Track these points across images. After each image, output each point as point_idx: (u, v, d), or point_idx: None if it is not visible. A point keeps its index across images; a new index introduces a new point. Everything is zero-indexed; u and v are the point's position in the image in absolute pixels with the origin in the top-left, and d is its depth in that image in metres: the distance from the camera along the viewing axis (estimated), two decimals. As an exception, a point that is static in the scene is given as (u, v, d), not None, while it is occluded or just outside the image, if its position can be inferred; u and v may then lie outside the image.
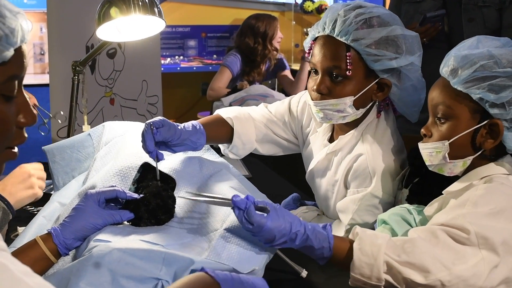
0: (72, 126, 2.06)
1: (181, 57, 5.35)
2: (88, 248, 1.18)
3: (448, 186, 1.31)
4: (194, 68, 5.09)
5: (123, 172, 1.40)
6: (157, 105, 3.34)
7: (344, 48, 1.45)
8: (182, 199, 1.34)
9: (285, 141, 1.72)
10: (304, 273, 1.35)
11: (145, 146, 1.39)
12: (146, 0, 1.67)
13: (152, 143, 1.38)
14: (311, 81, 1.52)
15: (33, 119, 0.88)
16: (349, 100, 1.47)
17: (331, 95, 1.48)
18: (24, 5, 5.83)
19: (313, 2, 5.50)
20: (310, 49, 1.53)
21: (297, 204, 1.77)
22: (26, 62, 0.89)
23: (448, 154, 1.28)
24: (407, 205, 1.39)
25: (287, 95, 4.02)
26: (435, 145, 1.30)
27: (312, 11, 5.49)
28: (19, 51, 0.85)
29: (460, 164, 1.29)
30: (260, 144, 1.70)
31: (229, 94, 3.91)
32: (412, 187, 1.45)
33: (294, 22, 5.60)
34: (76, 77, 2.01)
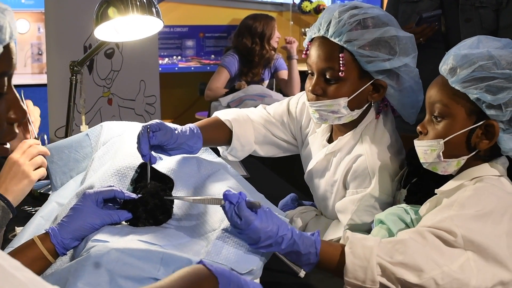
0: (70, 126, 2.06)
1: (179, 57, 5.35)
2: (86, 248, 1.18)
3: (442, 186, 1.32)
4: (192, 68, 5.09)
5: (121, 172, 1.40)
6: (155, 105, 3.34)
7: (337, 49, 1.45)
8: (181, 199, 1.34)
9: (284, 142, 1.72)
10: (302, 273, 1.35)
11: (139, 149, 1.39)
12: (144, 0, 1.67)
13: (147, 146, 1.38)
14: (308, 82, 1.53)
15: (23, 115, 0.88)
16: (343, 101, 1.47)
17: (325, 96, 1.48)
18: (21, 5, 5.82)
19: (311, 2, 5.51)
20: (307, 50, 1.53)
21: (295, 204, 1.77)
22: (15, 59, 0.88)
23: (442, 153, 1.28)
24: (404, 205, 1.39)
25: (284, 95, 4.02)
26: (430, 143, 1.30)
27: (310, 11, 5.50)
28: (7, 48, 0.85)
29: (454, 163, 1.29)
30: (259, 146, 1.70)
31: (227, 94, 3.91)
32: (410, 187, 1.45)
33: (292, 22, 5.61)
34: (74, 77, 2.01)
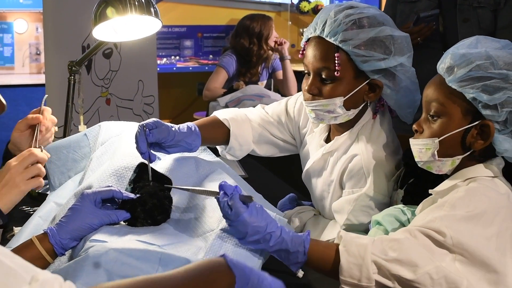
0: (68, 126, 2.06)
1: (177, 57, 5.36)
2: (84, 248, 1.18)
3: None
4: (190, 68, 5.09)
5: (119, 172, 1.40)
6: (153, 105, 3.35)
7: (333, 49, 1.46)
8: (179, 199, 1.35)
9: (282, 142, 1.72)
10: (301, 273, 1.35)
11: (138, 147, 1.39)
12: (142, 0, 1.67)
13: (145, 144, 1.39)
14: (304, 82, 1.53)
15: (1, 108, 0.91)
16: (338, 100, 1.47)
17: (321, 95, 1.49)
18: (20, 5, 5.82)
19: (309, 2, 5.51)
20: (304, 50, 1.54)
21: (294, 204, 1.77)
22: None
23: (437, 152, 1.28)
24: (401, 206, 1.39)
25: (282, 95, 4.03)
26: (425, 142, 1.30)
27: (308, 11, 5.51)
28: None
29: (448, 163, 1.29)
30: (258, 145, 1.70)
31: (225, 94, 3.91)
32: (407, 188, 1.45)
33: (290, 23, 5.61)
34: (72, 77, 2.01)
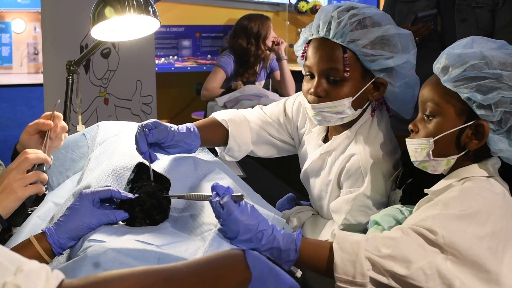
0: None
1: (175, 57, 5.36)
2: (82, 248, 1.18)
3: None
4: (188, 68, 5.09)
5: (117, 172, 1.40)
6: (151, 105, 3.35)
7: (340, 50, 1.46)
8: (178, 199, 1.35)
9: (281, 142, 1.72)
10: (299, 273, 1.35)
11: (138, 147, 1.39)
12: (141, 0, 1.67)
13: (145, 144, 1.39)
14: (307, 84, 1.52)
15: None
16: (347, 101, 1.47)
17: (329, 97, 1.48)
18: (18, 4, 5.81)
19: (307, 2, 5.51)
20: (304, 52, 1.53)
21: (292, 204, 1.77)
22: None
23: (432, 152, 1.29)
24: (399, 206, 1.39)
25: (280, 95, 4.03)
26: (420, 142, 1.31)
27: (306, 11, 5.51)
28: None
29: (443, 162, 1.30)
30: (256, 146, 1.71)
31: (223, 94, 3.91)
32: (405, 188, 1.45)
33: (288, 22, 5.62)
34: (70, 77, 2.01)
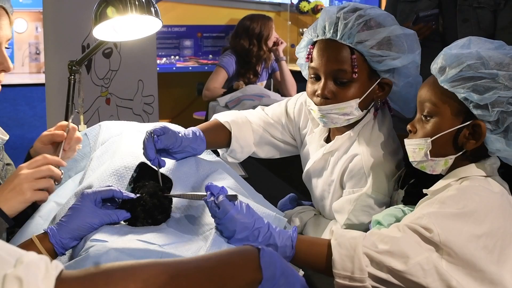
0: (68, 126, 2.05)
1: (177, 57, 5.36)
2: (84, 248, 1.18)
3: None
4: (190, 68, 5.09)
5: (119, 172, 1.40)
6: (153, 105, 3.35)
7: (348, 51, 1.45)
8: (179, 199, 1.35)
9: (283, 143, 1.73)
10: (301, 272, 1.35)
11: (146, 154, 1.40)
12: (143, 0, 1.67)
13: (153, 151, 1.40)
14: (312, 86, 1.51)
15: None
16: (354, 102, 1.47)
17: (336, 99, 1.48)
18: (19, 4, 5.82)
19: (308, 2, 5.52)
20: (309, 54, 1.52)
21: (294, 204, 1.77)
22: None
23: (430, 152, 1.29)
24: (401, 206, 1.40)
25: (282, 95, 4.03)
26: (418, 142, 1.31)
27: (308, 12, 5.51)
28: None
29: (441, 162, 1.30)
30: (259, 147, 1.71)
31: (225, 94, 3.91)
32: (408, 188, 1.45)
33: (289, 23, 5.62)
34: (72, 77, 2.01)
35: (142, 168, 1.43)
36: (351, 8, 1.48)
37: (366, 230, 1.45)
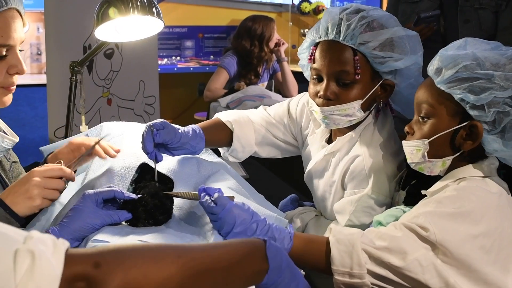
0: (69, 126, 2.06)
1: (178, 58, 5.36)
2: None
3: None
4: (191, 68, 5.09)
5: (121, 173, 1.41)
6: (154, 105, 3.35)
7: (351, 52, 1.45)
8: (181, 199, 1.35)
9: (284, 143, 1.73)
10: (302, 273, 1.35)
11: (144, 147, 1.40)
12: (145, 1, 1.67)
13: (151, 144, 1.40)
14: (314, 87, 1.51)
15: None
16: (357, 104, 1.47)
17: (338, 100, 1.48)
18: (21, 5, 5.81)
19: (310, 3, 5.51)
20: (312, 55, 1.52)
21: (295, 205, 1.77)
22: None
23: (427, 153, 1.30)
24: (402, 207, 1.40)
25: (283, 96, 4.03)
26: (416, 143, 1.32)
27: (309, 12, 5.51)
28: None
29: (439, 163, 1.30)
30: (260, 147, 1.71)
31: (226, 95, 3.91)
32: (409, 189, 1.45)
33: (291, 23, 5.62)
34: (74, 77, 2.01)
35: (143, 169, 1.43)
36: (354, 9, 1.48)
37: (368, 231, 1.46)
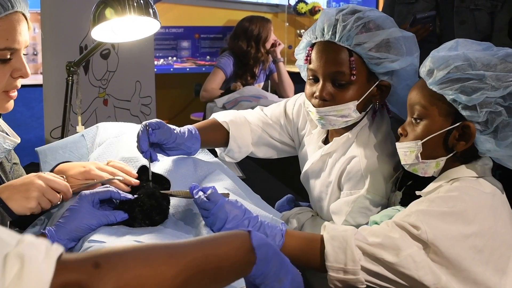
0: (65, 127, 2.06)
1: (174, 58, 5.35)
2: (82, 249, 1.19)
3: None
4: (187, 69, 5.08)
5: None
6: (150, 106, 3.35)
7: (346, 53, 1.45)
8: (177, 199, 1.35)
9: (281, 144, 1.73)
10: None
11: (139, 146, 1.40)
12: (141, 1, 1.67)
13: (146, 143, 1.40)
14: (310, 88, 1.51)
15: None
16: (353, 105, 1.47)
17: (334, 101, 1.48)
18: (16, 5, 5.79)
19: (306, 3, 5.52)
20: (308, 56, 1.52)
21: (291, 205, 1.78)
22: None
23: (420, 154, 1.30)
24: (398, 207, 1.40)
25: (279, 97, 4.03)
26: (409, 145, 1.32)
27: (305, 13, 5.51)
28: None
29: (433, 164, 1.31)
30: (256, 147, 1.71)
31: (222, 95, 3.91)
32: (405, 190, 1.46)
33: (287, 24, 5.62)
34: (70, 78, 2.01)
35: (140, 170, 1.44)
36: (350, 10, 1.48)
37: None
